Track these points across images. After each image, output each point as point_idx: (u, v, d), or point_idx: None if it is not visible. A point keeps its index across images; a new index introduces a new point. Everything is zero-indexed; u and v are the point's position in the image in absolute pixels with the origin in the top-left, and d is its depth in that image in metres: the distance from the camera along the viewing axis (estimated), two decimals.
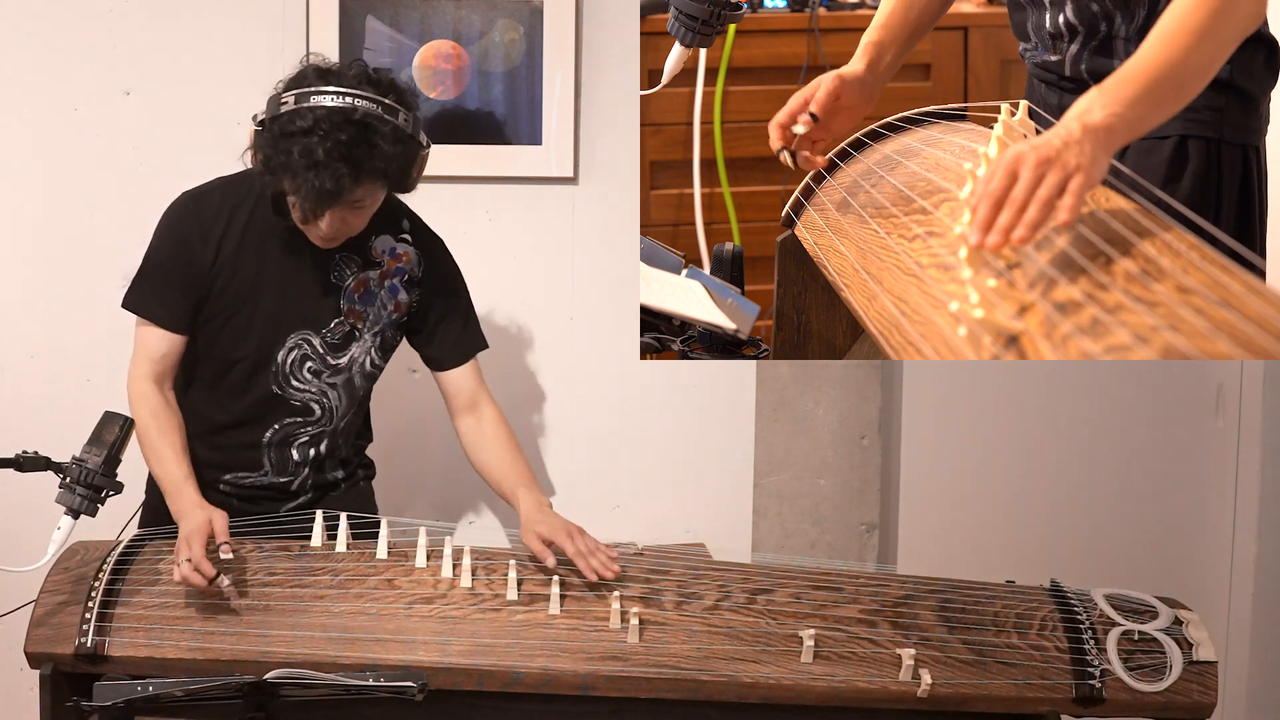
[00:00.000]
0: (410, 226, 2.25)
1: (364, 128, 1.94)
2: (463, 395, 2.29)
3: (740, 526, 2.98)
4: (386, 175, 1.99)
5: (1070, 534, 2.94)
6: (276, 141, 1.95)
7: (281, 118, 1.95)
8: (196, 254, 2.13)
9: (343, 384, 2.23)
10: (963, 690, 1.95)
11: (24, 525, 2.78)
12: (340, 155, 1.92)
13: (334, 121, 1.92)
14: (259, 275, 2.15)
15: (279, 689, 1.74)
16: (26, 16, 2.85)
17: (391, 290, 2.21)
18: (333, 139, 1.92)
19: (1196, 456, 2.93)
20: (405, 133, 1.99)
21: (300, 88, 1.96)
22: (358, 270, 2.18)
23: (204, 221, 2.13)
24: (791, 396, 2.95)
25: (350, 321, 2.19)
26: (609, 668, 1.93)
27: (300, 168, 1.92)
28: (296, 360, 2.18)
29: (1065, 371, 2.91)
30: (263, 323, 2.16)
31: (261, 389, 2.19)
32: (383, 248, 2.20)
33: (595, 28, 2.87)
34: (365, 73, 2.00)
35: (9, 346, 2.91)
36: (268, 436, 2.22)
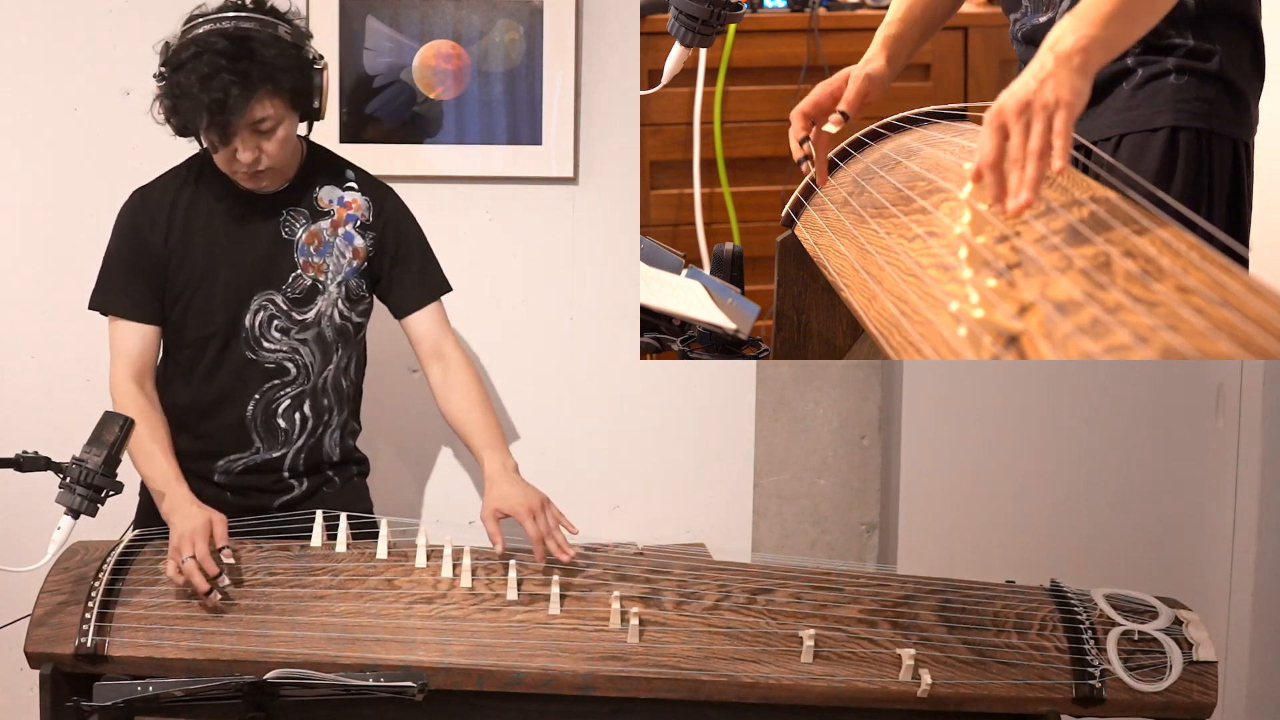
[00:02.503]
0: (355, 175, 2.29)
1: (241, 40, 2.03)
2: (427, 341, 2.30)
3: (740, 526, 2.98)
4: (275, 83, 2.05)
5: (1070, 534, 2.94)
6: (169, 79, 2.04)
7: (170, 58, 2.05)
8: (148, 241, 2.20)
9: (314, 339, 2.24)
10: (963, 690, 1.95)
11: (24, 525, 2.78)
12: (221, 66, 2.00)
13: (210, 40, 2.02)
14: (210, 245, 2.20)
15: (279, 689, 1.74)
16: (26, 16, 2.85)
17: (347, 237, 2.25)
18: (210, 53, 2.01)
19: (1196, 456, 2.93)
20: (286, 42, 2.07)
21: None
22: (307, 222, 2.23)
23: (151, 209, 2.22)
24: (791, 396, 2.95)
25: (310, 275, 2.23)
26: (609, 668, 1.93)
27: (192, 91, 2.00)
28: (264, 321, 2.21)
29: (1065, 371, 2.91)
30: (224, 292, 2.20)
31: (236, 359, 2.22)
32: (329, 198, 2.25)
33: (595, 28, 2.87)
34: (241, 1, 2.10)
35: (9, 346, 2.91)
36: (250, 410, 2.24)
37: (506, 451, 2.19)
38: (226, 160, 2.11)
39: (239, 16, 2.06)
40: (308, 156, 2.26)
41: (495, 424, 2.24)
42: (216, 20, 2.05)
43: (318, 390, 2.27)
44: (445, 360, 2.29)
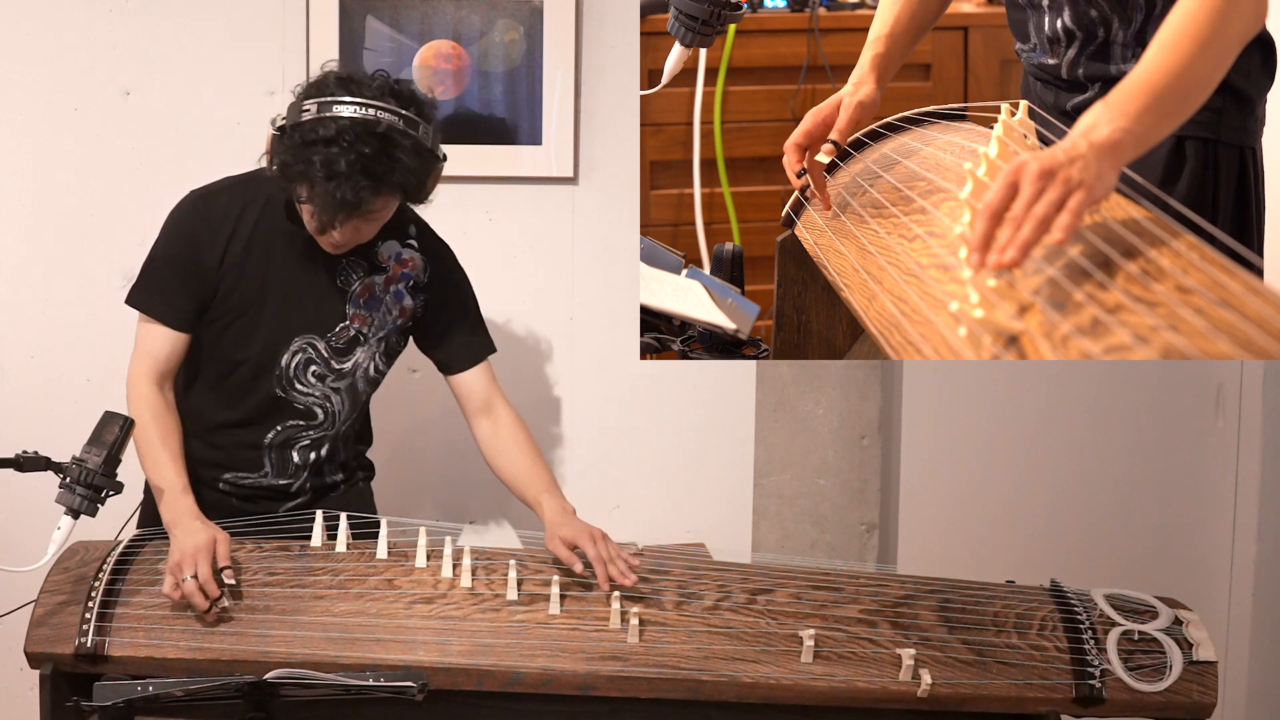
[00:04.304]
0: (417, 232, 2.24)
1: (386, 140, 1.93)
2: (475, 398, 2.28)
3: (740, 526, 2.98)
4: (405, 188, 1.99)
5: (1070, 534, 2.94)
6: (297, 149, 1.93)
7: (303, 126, 1.94)
8: (204, 253, 2.12)
9: (346, 389, 2.22)
10: (963, 690, 1.95)
11: (24, 525, 2.78)
12: (362, 168, 1.91)
13: (356, 133, 1.91)
14: (265, 278, 2.14)
15: (279, 689, 1.74)
16: (26, 16, 2.85)
17: (397, 295, 2.21)
18: (355, 151, 1.91)
19: (1196, 456, 2.93)
20: (425, 146, 1.99)
21: (322, 95, 1.95)
22: (364, 275, 2.18)
23: (212, 221, 2.12)
24: (791, 396, 2.95)
25: (355, 326, 2.19)
26: (609, 668, 1.93)
27: (320, 178, 1.91)
28: (301, 364, 2.17)
29: (1065, 371, 2.91)
30: (268, 325, 2.15)
31: (265, 391, 2.18)
32: (389, 253, 2.20)
33: (595, 28, 2.87)
34: (389, 84, 1.99)
35: (9, 346, 2.91)
36: (269, 438, 2.21)
37: (562, 495, 2.16)
38: (318, 230, 2.03)
39: (387, 109, 1.94)
40: None
41: (547, 470, 2.22)
42: (365, 107, 1.93)
43: (339, 436, 2.26)
44: (494, 416, 2.26)
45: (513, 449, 2.23)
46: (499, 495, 2.96)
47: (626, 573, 1.99)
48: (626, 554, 2.03)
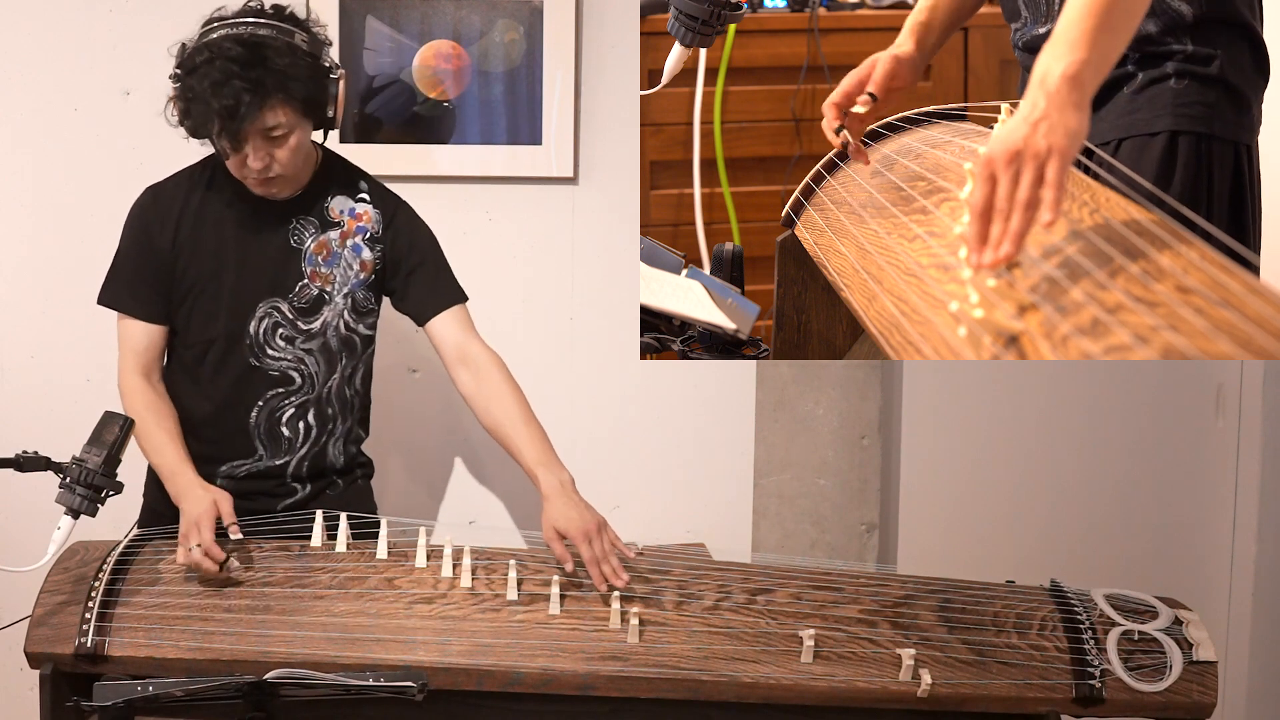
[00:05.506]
0: (368, 186, 2.28)
1: (256, 46, 2.01)
2: (450, 346, 2.25)
3: (740, 526, 2.98)
4: (288, 91, 2.03)
5: (1070, 534, 2.94)
6: (182, 82, 2.03)
7: (184, 60, 2.04)
8: (157, 241, 2.20)
9: (319, 349, 2.24)
10: (963, 690, 1.95)
11: (24, 525, 2.78)
12: (234, 73, 1.99)
13: (224, 46, 2.01)
14: (219, 249, 2.19)
15: (279, 689, 1.74)
16: (26, 16, 2.85)
17: (355, 249, 2.24)
18: (224, 57, 1.99)
19: (1196, 456, 2.93)
20: (301, 50, 2.06)
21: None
22: (317, 232, 2.22)
23: (161, 209, 2.21)
24: (791, 396, 2.95)
25: (316, 285, 2.22)
26: (609, 668, 1.93)
27: (204, 96, 1.99)
28: (268, 329, 2.21)
29: (1065, 371, 2.91)
30: (230, 296, 2.20)
31: (239, 364, 2.21)
32: (340, 208, 2.24)
33: (595, 28, 2.87)
34: (260, 6, 2.09)
35: (9, 346, 2.91)
36: (254, 416, 2.23)
37: (560, 465, 2.11)
38: (237, 166, 2.10)
39: (255, 23, 2.04)
40: (322, 164, 2.25)
41: (542, 435, 2.16)
42: (232, 25, 2.04)
43: (322, 400, 2.26)
44: (473, 365, 2.22)
45: (499, 409, 2.19)
46: (499, 495, 2.96)
47: (619, 571, 2.00)
48: (622, 545, 2.03)
